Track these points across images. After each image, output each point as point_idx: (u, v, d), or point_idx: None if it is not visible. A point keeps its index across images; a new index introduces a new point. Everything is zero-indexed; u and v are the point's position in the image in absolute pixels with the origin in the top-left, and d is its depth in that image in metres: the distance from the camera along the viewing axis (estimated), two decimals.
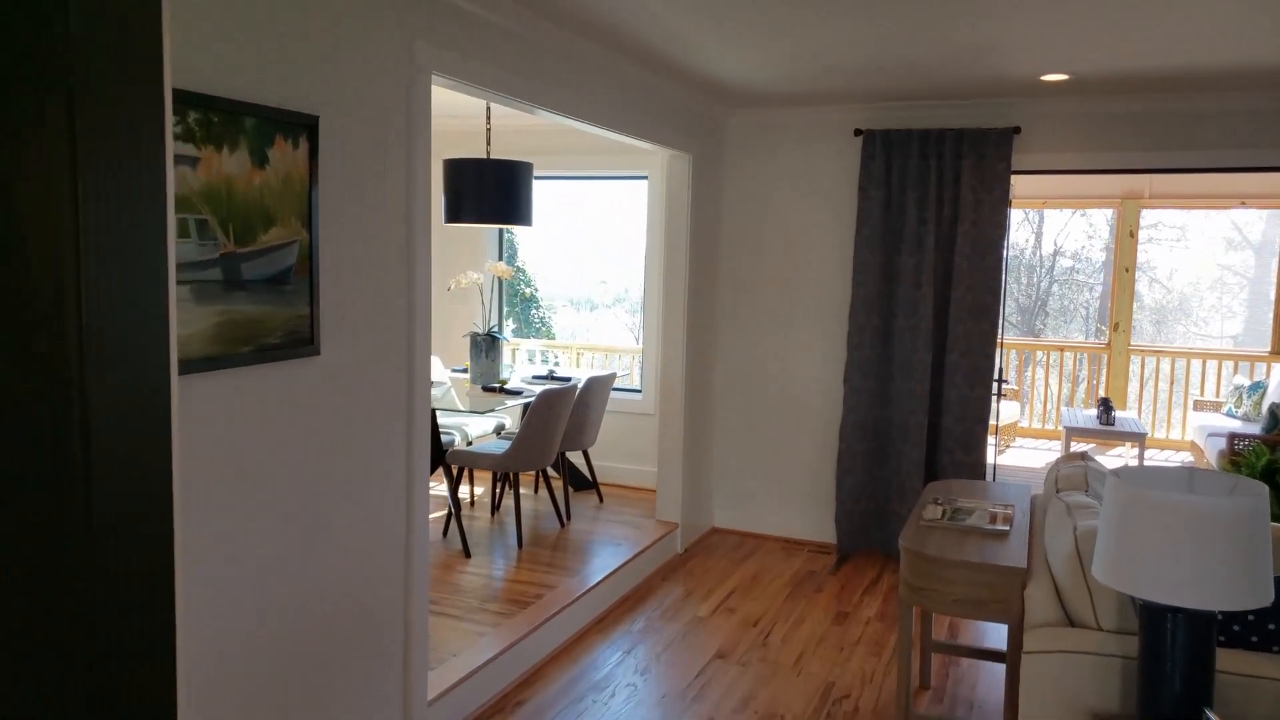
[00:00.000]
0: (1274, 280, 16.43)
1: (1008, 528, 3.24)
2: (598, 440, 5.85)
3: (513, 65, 3.50)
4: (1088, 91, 4.72)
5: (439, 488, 5.90)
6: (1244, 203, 8.21)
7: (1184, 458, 8.13)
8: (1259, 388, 7.64)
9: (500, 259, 6.54)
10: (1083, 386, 8.90)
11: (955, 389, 5.18)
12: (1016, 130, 4.95)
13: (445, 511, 5.29)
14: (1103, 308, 15.62)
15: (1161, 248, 15.23)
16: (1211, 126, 4.71)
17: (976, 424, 5.18)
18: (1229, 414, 7.79)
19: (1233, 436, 6.42)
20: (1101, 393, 8.65)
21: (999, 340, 5.18)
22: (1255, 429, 7.08)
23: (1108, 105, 4.85)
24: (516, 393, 5.07)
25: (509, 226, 5.25)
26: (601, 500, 6.00)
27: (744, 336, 5.78)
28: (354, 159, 2.74)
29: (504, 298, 6.60)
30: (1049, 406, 9.00)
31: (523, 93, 3.53)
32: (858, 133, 5.29)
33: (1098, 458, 7.99)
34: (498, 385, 5.08)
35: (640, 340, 6.48)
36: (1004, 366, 5.76)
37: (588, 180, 6.69)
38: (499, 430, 5.88)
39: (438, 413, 5.12)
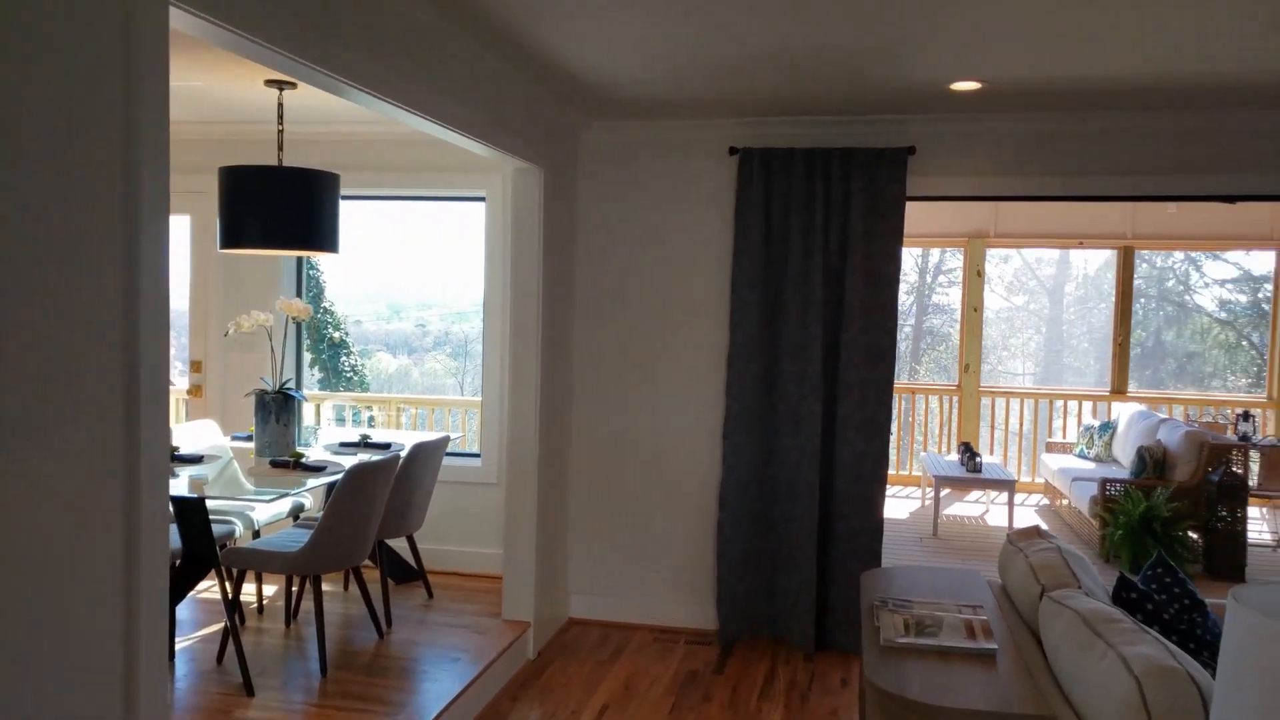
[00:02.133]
0: (1065, 320, 17.22)
1: (994, 645, 2.47)
2: (426, 518, 4.75)
3: (296, 6, 2.46)
4: (997, 107, 4.18)
5: (213, 589, 4.59)
6: (1082, 243, 8.17)
7: (1039, 500, 7.90)
8: (1109, 428, 7.51)
9: (299, 295, 5.32)
10: (935, 430, 8.58)
11: (849, 444, 4.48)
12: (911, 150, 4.35)
13: (222, 626, 4.02)
14: (914, 350, 15.86)
15: (957, 289, 15.70)
16: (1137, 149, 4.27)
17: (874, 483, 4.50)
18: (1081, 455, 7.62)
19: (1104, 482, 6.12)
20: (954, 436, 8.34)
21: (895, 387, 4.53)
22: (1110, 471, 6.88)
23: (1015, 124, 4.34)
24: (318, 468, 3.91)
25: (309, 254, 4.12)
26: (431, 595, 4.88)
27: (606, 387, 4.87)
28: (34, 127, 1.64)
29: (302, 344, 5.38)
30: (903, 452, 8.62)
31: (309, 51, 2.48)
32: (733, 151, 4.55)
33: (957, 504, 7.65)
34: (290, 460, 3.90)
35: (480, 392, 5.44)
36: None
37: (411, 201, 5.60)
38: (297, 513, 4.66)
39: (211, 498, 3.88)
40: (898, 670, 2.31)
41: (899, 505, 7.64)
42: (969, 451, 6.97)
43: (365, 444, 4.55)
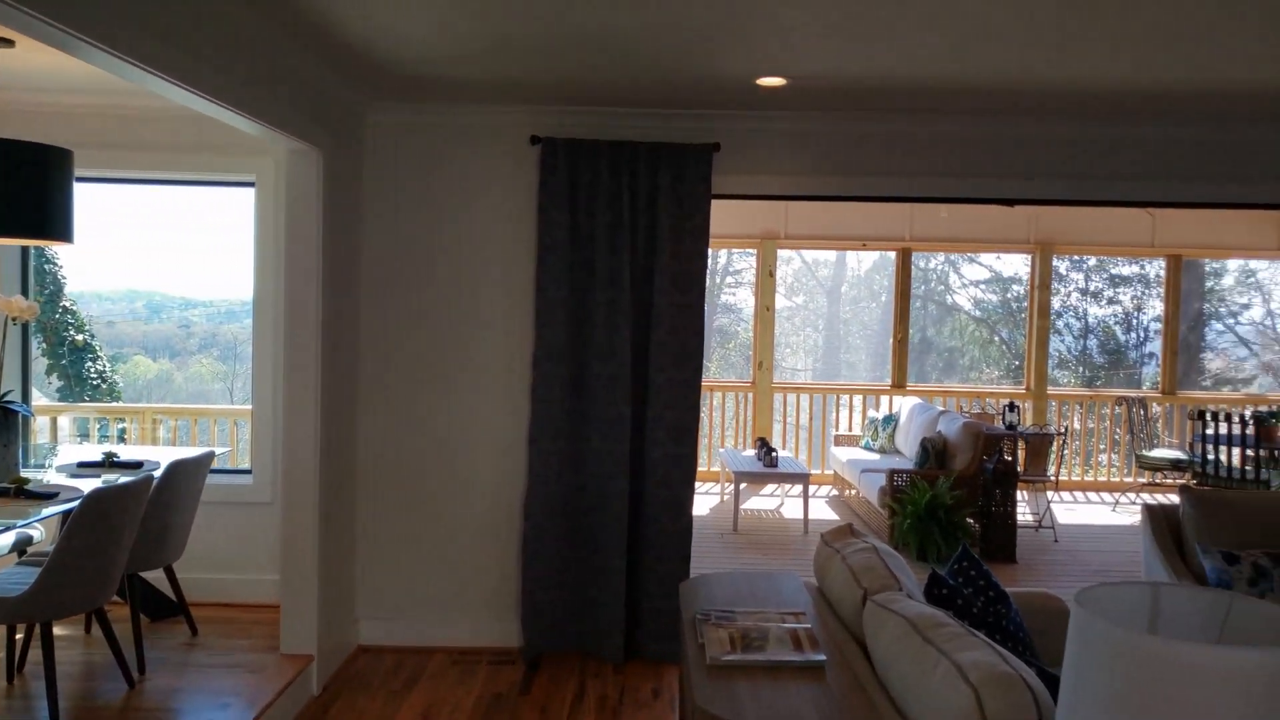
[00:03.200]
0: (842, 318, 18.20)
1: (822, 656, 2.37)
2: (188, 545, 4.18)
3: None
4: (802, 105, 4.17)
5: None
6: (865, 245, 8.54)
7: (830, 491, 8.17)
8: (891, 421, 7.87)
9: (24, 292, 4.54)
10: (732, 426, 8.70)
11: (659, 447, 4.35)
12: (716, 147, 4.27)
13: None
14: (705, 348, 16.21)
15: (744, 289, 16.27)
16: (927, 152, 4.39)
17: (683, 486, 4.39)
18: (867, 447, 7.95)
19: (892, 473, 6.37)
20: (750, 431, 8.48)
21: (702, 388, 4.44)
22: (895, 461, 7.20)
23: (818, 123, 4.35)
24: (47, 495, 3.31)
25: (34, 243, 3.48)
26: (195, 632, 4.30)
27: (398, 393, 4.49)
28: None
29: (29, 348, 4.60)
30: (700, 449, 8.68)
31: None
32: (535, 140, 4.30)
33: (753, 498, 7.77)
34: (11, 487, 3.27)
35: (251, 400, 4.88)
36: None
37: (168, 185, 4.93)
38: (23, 548, 3.96)
39: None
40: (729, 693, 2.15)
41: (699, 502, 7.65)
42: (765, 446, 7.08)
43: (111, 463, 3.93)
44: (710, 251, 4.39)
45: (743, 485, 7.00)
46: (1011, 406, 6.95)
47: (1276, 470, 6.64)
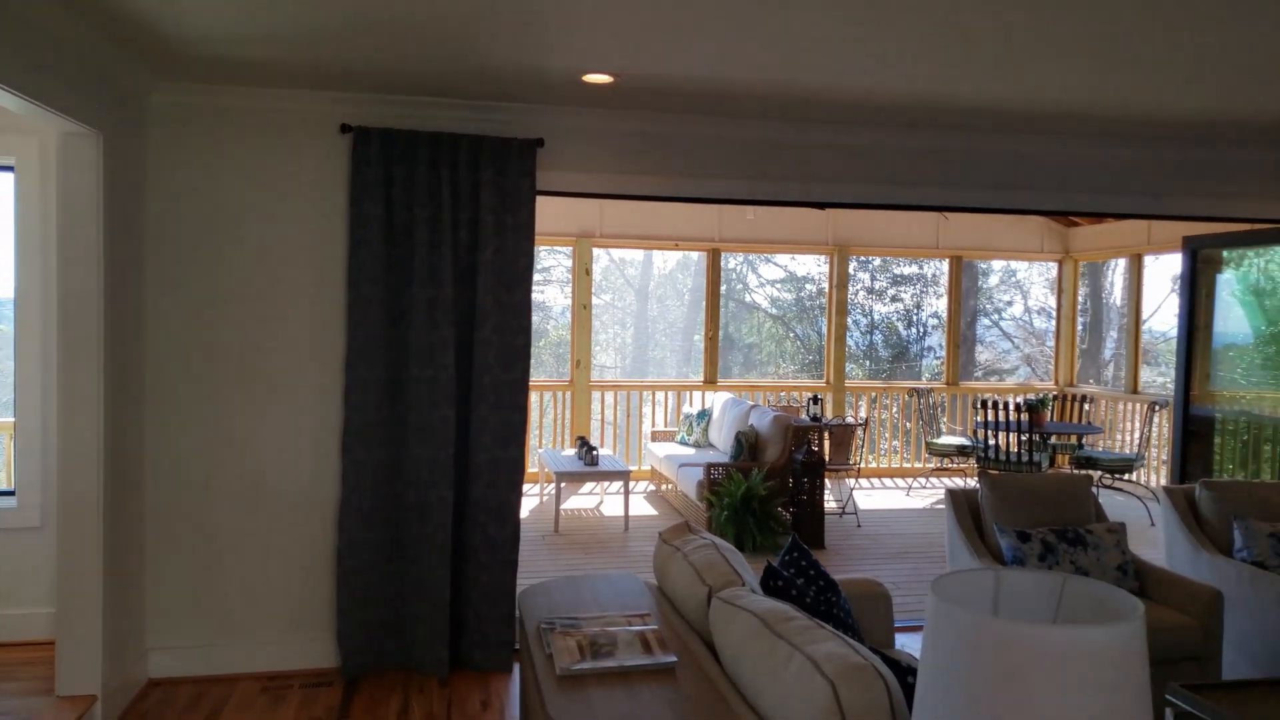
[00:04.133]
0: (649, 316, 18.54)
1: (672, 657, 2.35)
2: None
3: None
4: (628, 104, 4.15)
5: None
6: (678, 244, 8.69)
7: (647, 487, 8.26)
8: (705, 416, 8.06)
9: None
10: (551, 425, 8.62)
11: (485, 451, 4.22)
12: (540, 143, 4.19)
13: None
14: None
15: (554, 287, 16.28)
16: (744, 154, 4.48)
17: (510, 491, 4.29)
18: (682, 442, 8.10)
19: (709, 466, 6.51)
20: (568, 430, 8.44)
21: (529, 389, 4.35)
22: (710, 455, 7.37)
23: (642, 122, 4.35)
24: None
25: None
26: None
27: (193, 401, 4.11)
28: None
29: None
30: None
31: None
32: (346, 129, 4.05)
33: (572, 497, 7.74)
34: None
35: (14, 412, 4.32)
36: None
37: None
38: None
39: None
40: (584, 703, 2.09)
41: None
42: (586, 445, 7.05)
43: None
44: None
45: (563, 485, 6.94)
46: (815, 399, 7.28)
47: (1045, 452, 7.32)
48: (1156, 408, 7.83)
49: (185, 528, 4.13)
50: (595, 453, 6.94)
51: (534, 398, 8.67)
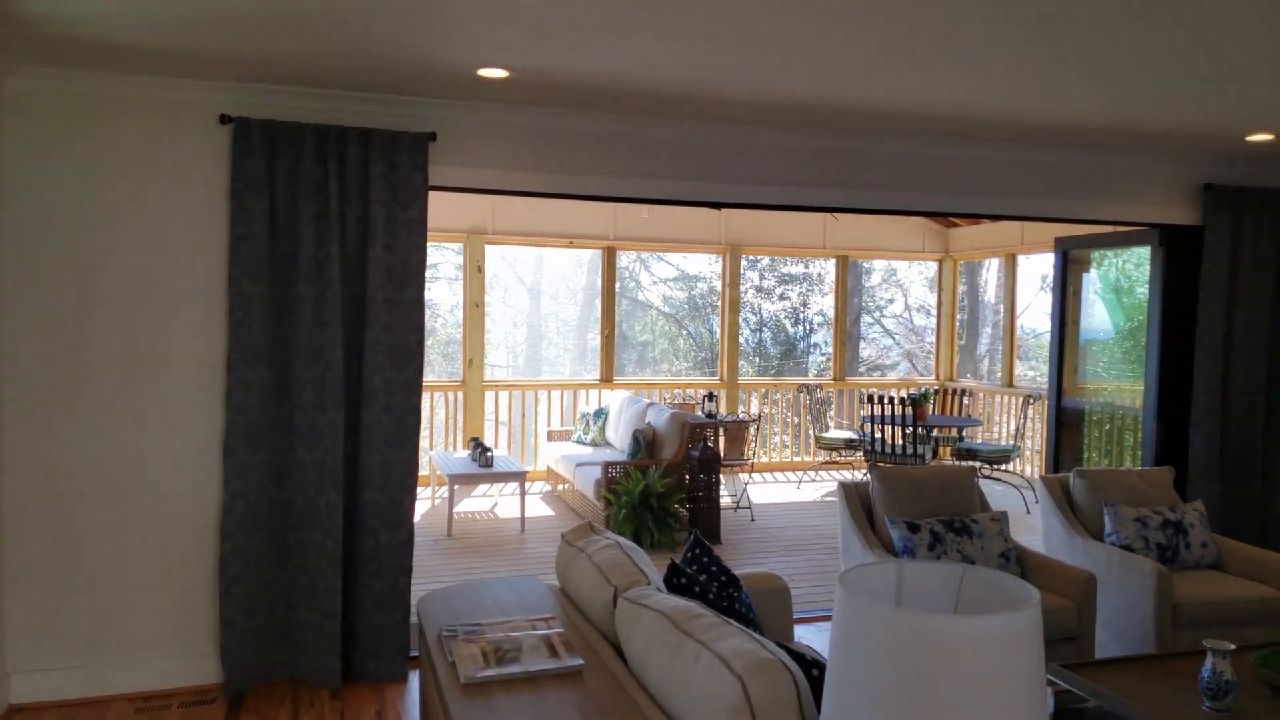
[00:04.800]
0: (542, 314, 18.42)
1: (579, 660, 2.32)
2: None
3: None
4: (524, 100, 4.09)
5: None
6: (572, 242, 8.64)
7: (543, 487, 8.20)
8: (602, 414, 8.05)
9: None
10: (442, 426, 8.46)
11: (377, 453, 4.09)
12: (432, 137, 4.09)
13: None
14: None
15: (442, 285, 16.00)
16: (648, 155, 4.48)
17: (403, 494, 4.17)
18: (579, 441, 8.07)
19: (606, 465, 6.51)
20: (462, 431, 8.30)
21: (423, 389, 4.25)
22: (608, 454, 7.37)
23: (539, 118, 4.30)
24: None
25: None
26: None
27: (53, 406, 3.85)
28: None
29: None
30: None
31: None
32: (226, 119, 3.87)
33: (465, 500, 7.61)
34: None
35: None
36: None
37: None
38: None
39: None
40: (490, 712, 2.05)
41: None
42: (480, 446, 6.95)
43: None
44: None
45: (456, 487, 6.82)
46: (710, 396, 7.37)
47: (928, 445, 7.60)
48: (1030, 400, 8.23)
49: (49, 540, 3.86)
50: (489, 454, 6.84)
51: (426, 398, 8.49)
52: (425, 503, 7.52)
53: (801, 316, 16.60)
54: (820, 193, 4.78)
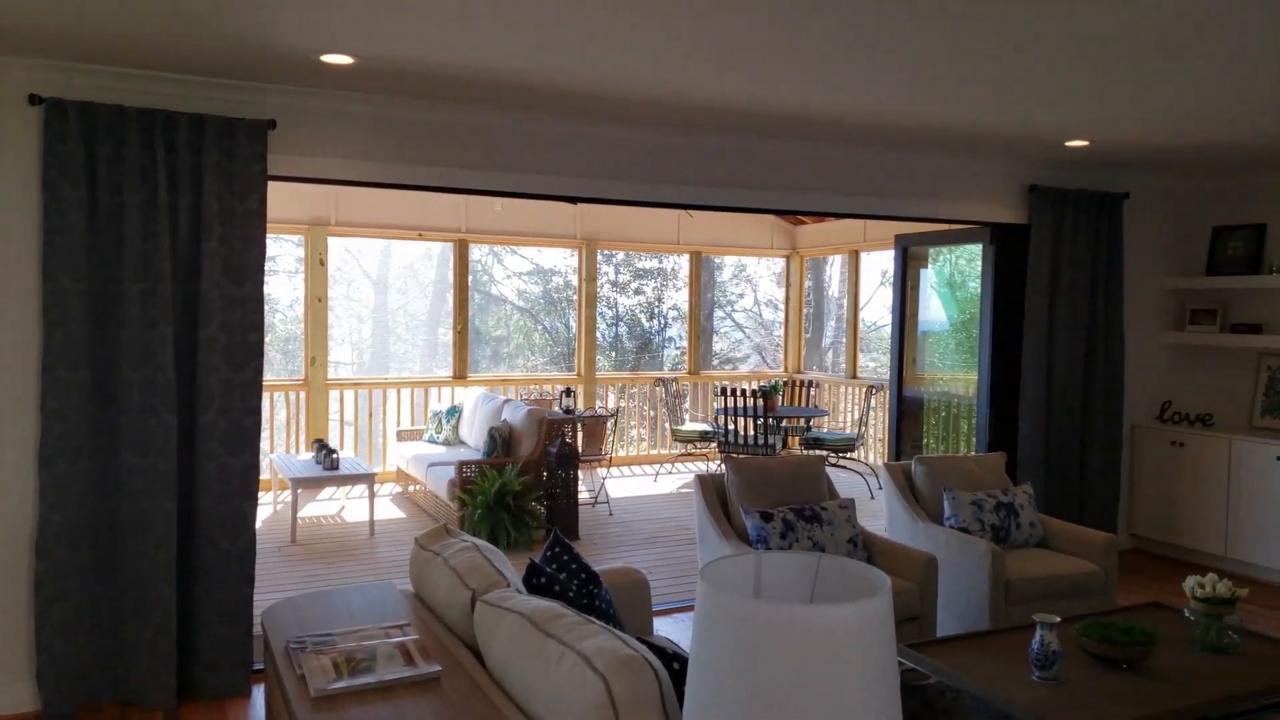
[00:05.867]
0: (389, 309, 17.92)
1: (436, 667, 2.25)
2: None
3: None
4: (370, 88, 3.93)
5: None
6: (421, 235, 8.41)
7: (393, 489, 7.96)
8: (455, 412, 7.89)
9: None
10: (283, 428, 8.08)
11: (214, 459, 3.86)
12: (272, 125, 3.88)
13: None
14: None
15: (282, 278, 15.30)
16: (499, 147, 4.39)
17: (244, 500, 3.96)
18: (431, 440, 7.88)
19: (461, 464, 6.38)
20: (305, 433, 7.95)
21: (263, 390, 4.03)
22: (462, 453, 7.23)
23: (387, 107, 4.15)
24: None
25: None
26: None
27: None
28: None
29: None
30: None
31: None
32: (35, 100, 3.55)
33: (309, 504, 7.29)
34: None
35: None
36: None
37: None
38: None
39: None
40: None
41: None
42: (325, 448, 6.68)
43: None
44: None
45: (299, 491, 6.53)
46: (568, 392, 7.34)
47: (779, 435, 7.83)
48: (873, 391, 8.61)
49: None
50: (335, 456, 6.58)
51: (265, 399, 8.09)
52: (267, 508, 7.16)
53: (657, 311, 16.79)
54: (673, 189, 4.83)
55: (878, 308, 14.24)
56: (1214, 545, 5.80)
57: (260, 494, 6.08)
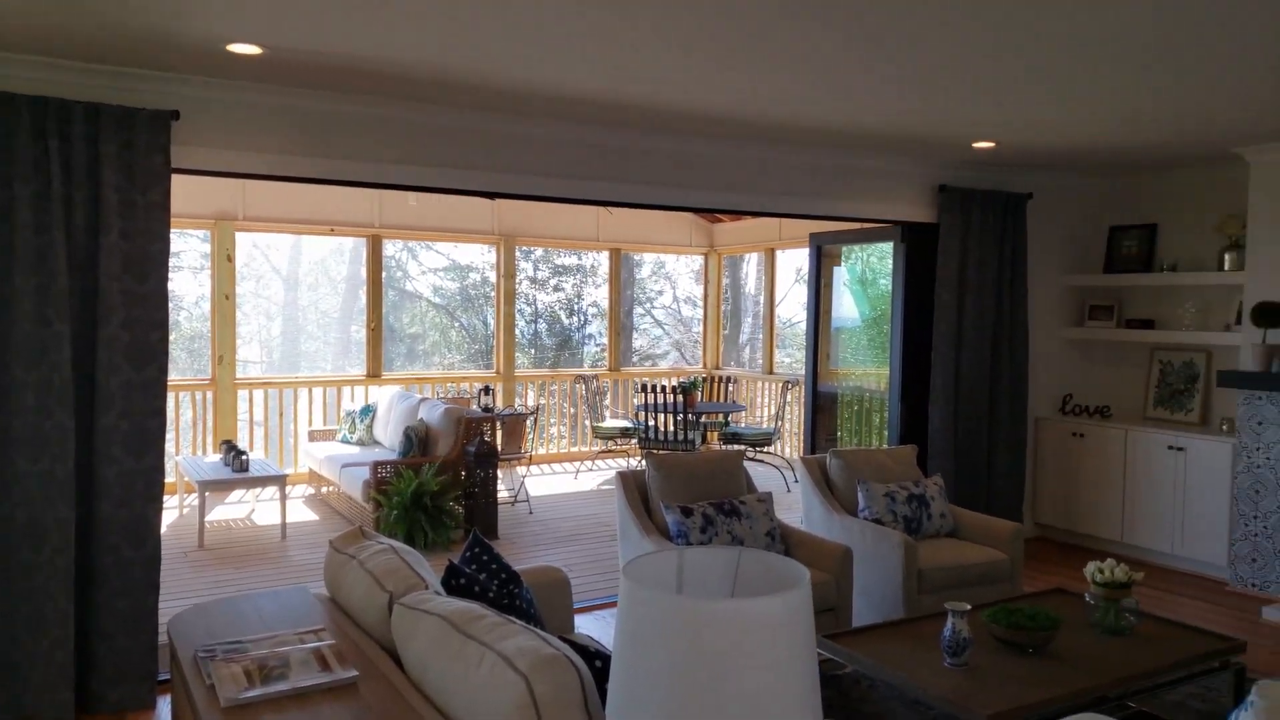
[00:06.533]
0: (300, 306, 17.44)
1: (353, 672, 2.20)
2: None
3: None
4: (281, 79, 3.82)
5: None
6: (333, 230, 8.21)
7: (305, 490, 7.76)
8: (369, 411, 7.73)
9: None
10: (189, 429, 7.80)
11: (115, 463, 3.71)
12: (175, 115, 3.74)
13: None
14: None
15: (186, 274, 14.77)
16: (417, 141, 4.32)
17: (148, 505, 3.81)
18: (344, 440, 7.70)
19: (376, 465, 6.25)
20: (213, 434, 7.69)
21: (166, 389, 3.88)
22: (377, 453, 7.10)
23: (301, 100, 4.03)
24: None
25: None
26: None
27: None
28: None
29: None
30: None
31: None
32: None
33: (217, 507, 7.05)
34: None
35: None
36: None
37: None
38: None
39: None
40: None
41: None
42: (234, 450, 6.47)
43: None
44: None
45: (207, 495, 6.31)
46: (486, 390, 7.26)
47: (698, 431, 7.89)
48: (789, 386, 8.75)
49: None
50: (244, 457, 6.39)
51: (170, 399, 7.79)
52: (173, 512, 6.90)
53: (576, 308, 16.75)
54: (592, 186, 4.82)
55: (793, 305, 14.48)
56: (1112, 531, 6.07)
57: (165, 498, 5.89)
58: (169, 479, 7.27)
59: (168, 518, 6.77)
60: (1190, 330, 5.95)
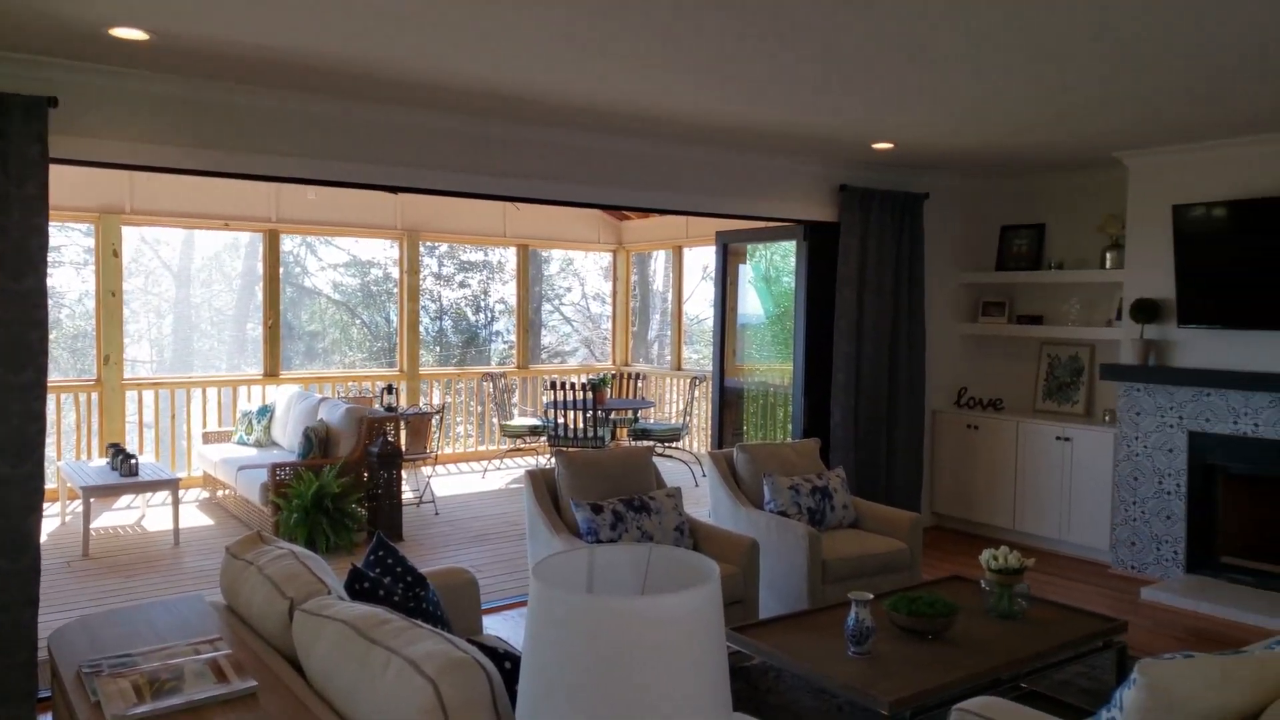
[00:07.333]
0: (192, 303, 16.80)
1: (252, 682, 2.12)
2: None
3: None
4: (168, 66, 3.65)
5: None
6: (228, 224, 7.91)
7: (199, 494, 7.47)
8: (266, 412, 7.49)
9: None
10: (72, 432, 7.41)
11: None
12: (52, 102, 3.54)
13: None
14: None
15: (67, 270, 14.05)
16: (313, 134, 4.18)
17: (26, 515, 3.62)
18: (241, 442, 7.45)
19: (274, 467, 6.06)
20: (99, 437, 7.32)
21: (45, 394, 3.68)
22: (275, 455, 6.89)
23: (189, 89, 3.87)
24: None
25: None
26: None
27: None
28: None
29: None
30: None
31: None
32: None
33: (104, 513, 6.72)
34: None
35: None
36: None
37: None
38: None
39: None
40: None
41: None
42: (122, 453, 6.18)
43: None
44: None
45: (92, 501, 6.01)
46: (389, 389, 7.11)
47: (607, 427, 7.89)
48: (696, 382, 8.83)
49: None
50: (133, 461, 6.10)
51: (50, 402, 7.39)
52: (54, 520, 6.56)
53: (483, 304, 16.55)
54: (499, 181, 4.76)
55: (700, 302, 14.63)
56: (1004, 520, 6.32)
57: (46, 505, 5.59)
58: (49, 485, 6.91)
59: (48, 526, 6.43)
60: (1075, 326, 6.24)
